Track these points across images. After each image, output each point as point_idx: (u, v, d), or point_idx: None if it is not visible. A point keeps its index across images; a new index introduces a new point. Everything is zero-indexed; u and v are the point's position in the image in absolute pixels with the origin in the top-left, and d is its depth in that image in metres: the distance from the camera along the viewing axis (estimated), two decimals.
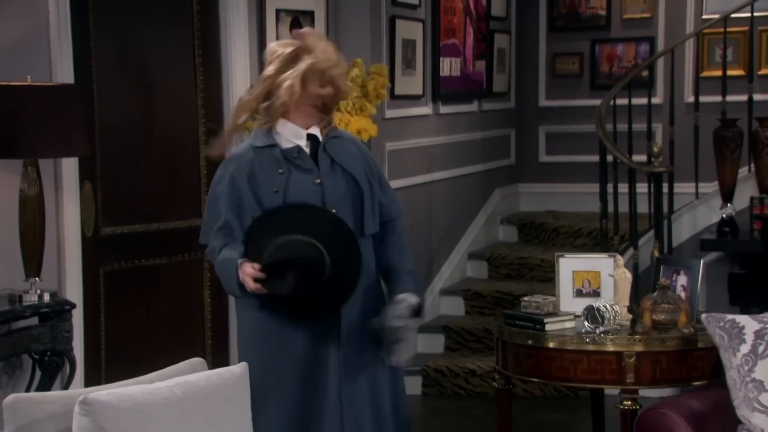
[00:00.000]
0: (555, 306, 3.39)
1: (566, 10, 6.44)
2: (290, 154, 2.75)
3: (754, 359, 2.68)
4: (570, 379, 3.22)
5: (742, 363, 2.71)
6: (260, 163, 2.74)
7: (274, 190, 2.71)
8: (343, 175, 2.77)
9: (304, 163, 2.76)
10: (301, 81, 2.69)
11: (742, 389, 2.68)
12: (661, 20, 6.19)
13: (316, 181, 2.74)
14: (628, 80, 5.28)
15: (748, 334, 2.75)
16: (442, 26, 5.50)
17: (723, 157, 5.22)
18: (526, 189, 6.67)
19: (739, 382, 2.69)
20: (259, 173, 2.73)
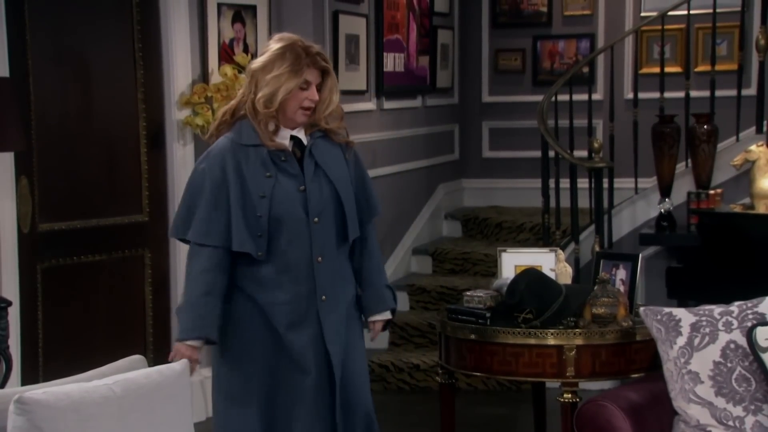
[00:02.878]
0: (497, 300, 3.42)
1: (508, 6, 6.49)
2: (277, 157, 2.73)
3: (690, 351, 2.73)
4: (512, 373, 3.24)
5: (678, 355, 2.76)
6: (247, 163, 2.71)
7: (261, 194, 2.69)
8: (326, 180, 2.77)
9: (291, 168, 2.74)
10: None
11: (679, 381, 2.73)
12: (601, 17, 6.28)
13: (301, 188, 2.74)
14: (569, 76, 5.35)
15: (685, 326, 2.80)
16: (385, 22, 5.50)
17: (661, 153, 5.31)
18: (469, 184, 6.71)
19: (675, 374, 2.74)
20: (246, 174, 2.70)
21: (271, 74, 2.69)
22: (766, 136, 5.16)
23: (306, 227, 2.74)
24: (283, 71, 2.69)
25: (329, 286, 2.78)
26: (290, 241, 2.72)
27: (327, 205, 2.76)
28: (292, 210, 2.71)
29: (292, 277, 2.73)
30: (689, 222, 5.12)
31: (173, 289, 4.53)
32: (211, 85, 4.51)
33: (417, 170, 6.09)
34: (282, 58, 2.70)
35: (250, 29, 4.76)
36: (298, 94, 2.71)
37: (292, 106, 2.72)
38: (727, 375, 2.65)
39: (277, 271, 2.73)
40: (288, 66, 2.69)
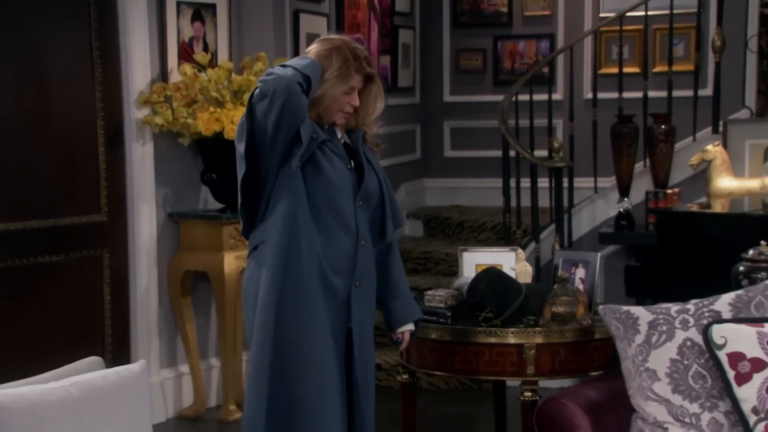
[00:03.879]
0: (458, 299, 3.43)
1: (469, 6, 6.51)
2: (325, 132, 2.68)
3: (648, 349, 2.76)
4: (473, 372, 3.26)
5: (636, 353, 2.79)
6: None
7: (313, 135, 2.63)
8: (374, 172, 2.76)
9: (335, 147, 2.71)
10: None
11: (637, 378, 2.76)
12: (561, 18, 6.32)
13: (348, 166, 2.71)
14: (529, 76, 5.38)
15: (642, 324, 2.82)
16: (346, 21, 5.49)
17: (620, 153, 5.37)
18: (431, 184, 6.72)
19: (633, 372, 2.77)
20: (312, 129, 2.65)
21: (323, 74, 2.63)
22: (722, 136, 5.23)
23: (352, 205, 2.70)
24: (329, 76, 2.63)
25: (364, 275, 2.74)
26: (336, 215, 2.67)
27: (372, 195, 2.73)
28: (339, 182, 2.66)
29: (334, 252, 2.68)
30: (647, 221, 5.18)
31: (132, 289, 4.49)
32: (170, 83, 4.48)
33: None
34: (329, 61, 2.64)
35: (209, 28, 4.73)
36: (340, 99, 2.67)
37: (332, 109, 2.68)
38: (683, 372, 2.68)
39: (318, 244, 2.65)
40: (335, 71, 2.64)
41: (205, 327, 4.79)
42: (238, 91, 4.53)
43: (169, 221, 4.63)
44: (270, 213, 2.66)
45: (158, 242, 4.56)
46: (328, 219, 2.67)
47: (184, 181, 4.69)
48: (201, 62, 4.52)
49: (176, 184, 4.66)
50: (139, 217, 4.47)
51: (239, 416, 4.53)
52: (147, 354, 4.46)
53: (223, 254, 4.47)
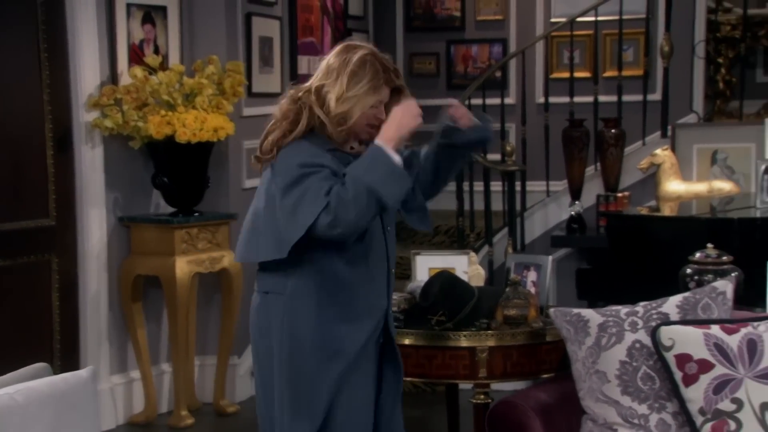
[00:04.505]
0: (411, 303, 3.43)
1: (422, 10, 6.53)
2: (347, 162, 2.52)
3: (598, 351, 2.79)
4: (425, 375, 3.25)
5: (586, 355, 2.81)
6: (337, 165, 2.48)
7: None
8: None
9: None
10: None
11: (587, 380, 2.78)
12: (513, 23, 6.37)
13: None
14: (481, 81, 5.41)
15: (593, 327, 2.85)
16: (299, 24, 5.47)
17: (571, 156, 5.42)
18: None
19: (584, 374, 2.79)
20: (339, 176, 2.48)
21: (347, 92, 2.46)
22: (670, 140, 5.31)
23: (382, 235, 2.60)
24: (359, 91, 2.46)
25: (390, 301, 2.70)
26: (372, 250, 2.56)
27: (393, 214, 2.65)
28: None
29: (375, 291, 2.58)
30: (598, 224, 5.23)
31: (81, 294, 4.43)
32: (120, 86, 4.42)
33: None
34: (360, 73, 2.47)
35: (160, 30, 4.68)
36: (368, 113, 2.51)
37: (360, 125, 2.51)
38: (632, 374, 2.71)
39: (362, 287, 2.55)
40: (366, 83, 2.47)
41: (157, 332, 4.73)
42: (189, 94, 4.49)
43: (120, 225, 4.57)
44: (303, 262, 2.49)
45: (108, 247, 4.50)
46: (363, 260, 2.54)
47: (135, 185, 4.64)
48: (152, 65, 4.47)
49: (127, 187, 4.60)
50: (88, 221, 4.41)
51: (191, 422, 4.48)
52: (96, 360, 4.40)
53: (175, 258, 4.43)
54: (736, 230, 3.96)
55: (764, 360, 2.59)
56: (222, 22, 4.81)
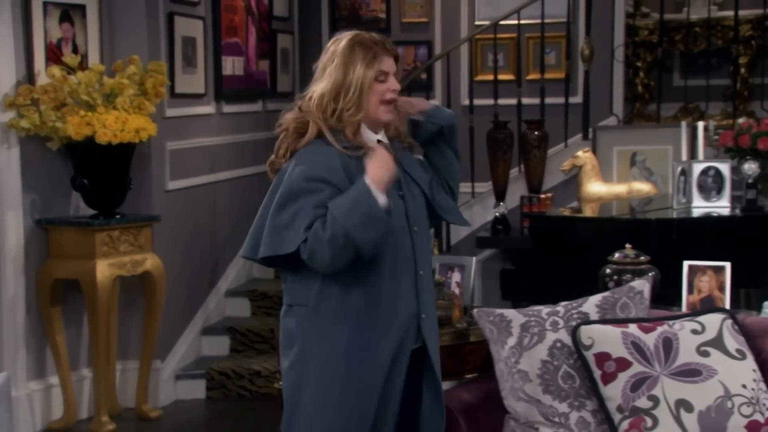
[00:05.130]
0: None
1: (347, 12, 6.52)
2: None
3: (520, 351, 2.81)
4: None
5: (509, 355, 2.84)
6: (352, 168, 2.39)
7: None
8: (418, 189, 2.53)
9: None
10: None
11: (509, 380, 2.80)
12: (438, 25, 6.40)
13: (399, 193, 2.47)
14: (407, 83, 5.42)
15: (515, 327, 2.87)
16: (223, 24, 5.41)
17: (496, 158, 5.48)
18: None
19: (506, 374, 2.82)
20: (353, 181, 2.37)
21: (345, 78, 2.38)
22: (591, 142, 5.40)
23: (408, 236, 2.47)
24: (359, 71, 2.38)
25: (429, 305, 2.52)
26: (395, 254, 2.43)
27: (422, 213, 2.53)
28: (395, 217, 2.42)
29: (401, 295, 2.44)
30: (522, 225, 5.29)
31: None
32: (37, 86, 4.31)
33: (258, 174, 6.01)
34: (351, 57, 2.39)
35: (79, 29, 4.58)
36: (376, 88, 2.40)
37: (372, 103, 2.41)
38: (553, 373, 2.74)
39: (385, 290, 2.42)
40: (360, 62, 2.39)
41: (77, 337, 4.63)
42: (110, 95, 4.40)
43: (38, 228, 4.45)
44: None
45: (26, 250, 4.38)
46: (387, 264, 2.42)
47: (54, 187, 4.52)
48: (70, 64, 4.37)
49: (45, 189, 4.49)
50: (4, 224, 4.28)
51: (112, 428, 4.39)
52: (13, 366, 4.27)
53: (95, 262, 4.33)
54: (654, 231, 4.04)
55: (679, 358, 2.65)
56: (143, 22, 4.73)
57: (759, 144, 4.28)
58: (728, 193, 4.29)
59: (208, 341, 5.27)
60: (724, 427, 2.57)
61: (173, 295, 4.87)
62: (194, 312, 5.25)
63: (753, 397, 2.62)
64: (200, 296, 5.33)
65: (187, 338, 5.14)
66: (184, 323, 5.15)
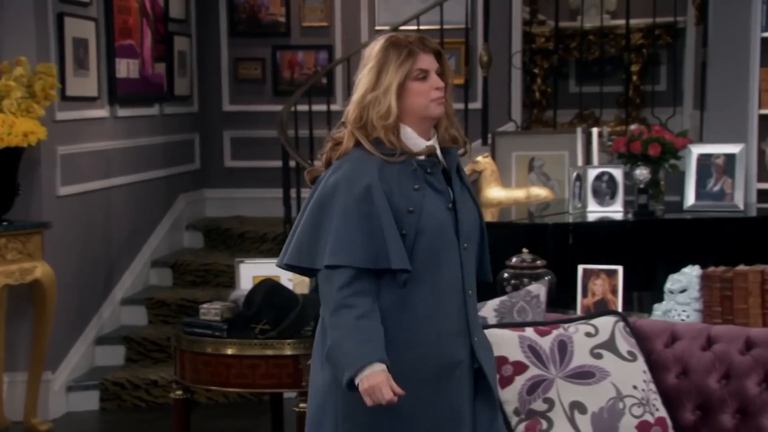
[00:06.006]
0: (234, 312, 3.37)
1: (246, 15, 6.45)
2: (423, 168, 2.28)
3: None
4: (249, 385, 3.23)
5: None
6: (393, 176, 2.25)
7: (410, 209, 2.24)
8: (473, 203, 2.36)
9: (437, 182, 2.30)
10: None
11: None
12: (338, 29, 6.39)
13: (449, 206, 2.31)
14: (307, 87, 5.39)
15: None
16: (116, 26, 5.27)
17: None
18: (211, 194, 6.60)
19: None
20: (395, 189, 2.24)
21: (381, 79, 2.27)
22: (491, 147, 5.47)
23: (456, 252, 2.29)
24: (391, 67, 2.26)
25: (477, 327, 2.36)
26: (439, 269, 2.27)
27: (474, 230, 2.35)
28: (444, 230, 2.27)
29: (443, 312, 2.27)
30: None
31: None
32: None
33: (155, 180, 5.90)
34: (385, 56, 2.28)
35: None
36: (418, 87, 2.28)
37: (419, 104, 2.29)
38: None
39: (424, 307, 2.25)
40: (394, 59, 2.27)
41: None
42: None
43: None
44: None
45: None
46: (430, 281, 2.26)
47: None
48: None
49: None
50: None
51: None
52: None
53: None
54: (550, 235, 4.11)
55: (574, 360, 2.69)
56: (31, 22, 4.56)
57: (649, 150, 4.40)
58: (621, 198, 4.39)
59: (103, 351, 5.13)
60: (616, 428, 2.63)
61: (65, 304, 4.72)
62: (88, 321, 5.10)
63: (643, 398, 2.69)
64: (94, 305, 5.18)
65: (79, 348, 4.99)
66: (77, 333, 4.99)
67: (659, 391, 2.73)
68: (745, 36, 4.85)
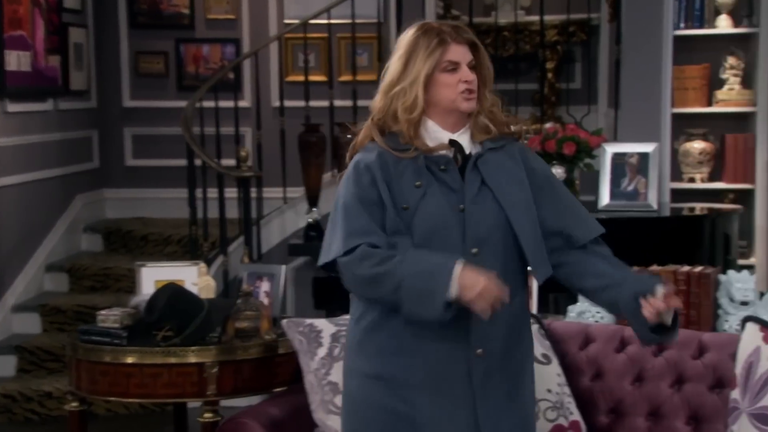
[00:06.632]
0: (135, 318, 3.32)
1: (147, 6, 6.35)
2: (436, 164, 2.24)
3: (330, 362, 2.83)
4: (150, 395, 3.19)
5: (319, 366, 2.85)
6: (397, 170, 2.24)
7: (404, 206, 2.21)
8: (494, 203, 2.24)
9: (450, 180, 2.24)
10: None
11: (319, 392, 2.81)
12: (246, 22, 6.35)
13: (460, 206, 2.22)
14: (213, 82, 5.35)
15: (326, 337, 2.89)
16: (5, 16, 5.12)
17: (308, 162, 5.48)
18: (112, 194, 6.48)
19: (316, 386, 2.82)
20: (395, 183, 2.23)
21: (409, 68, 2.24)
22: None
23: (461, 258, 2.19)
24: (420, 56, 2.23)
25: (491, 339, 2.22)
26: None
27: (493, 234, 2.22)
28: (443, 232, 2.20)
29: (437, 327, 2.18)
30: None
31: None
32: None
33: (49, 179, 5.76)
34: (415, 44, 2.25)
35: None
36: (446, 79, 2.24)
37: (446, 96, 2.24)
38: None
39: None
40: (423, 48, 2.24)
41: None
42: None
43: None
44: None
45: None
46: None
47: None
48: None
49: None
50: None
51: None
52: None
53: None
54: None
55: None
56: None
57: (564, 149, 4.50)
58: None
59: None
60: None
61: None
62: None
63: (557, 402, 2.75)
64: None
65: None
66: None
67: (574, 394, 2.79)
68: (658, 33, 5.00)
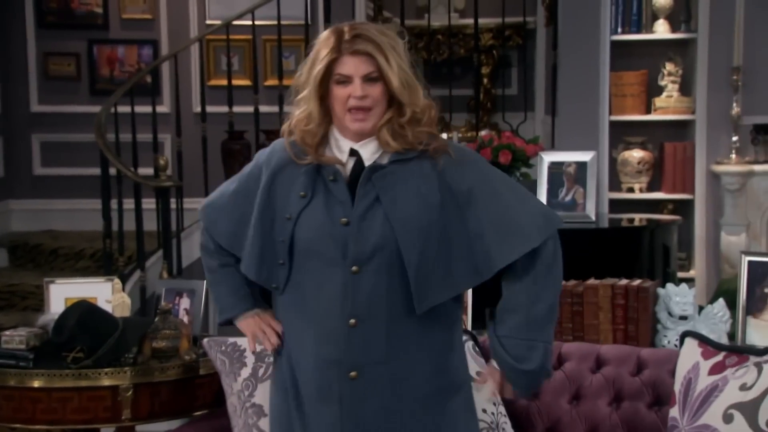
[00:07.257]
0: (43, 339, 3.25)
1: (57, 4, 6.26)
2: (326, 175, 2.21)
3: (255, 383, 2.79)
4: (59, 422, 3.12)
5: (242, 388, 2.80)
6: (291, 177, 2.23)
7: (287, 216, 2.21)
8: (384, 220, 2.16)
9: (337, 192, 2.19)
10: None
11: (242, 415, 2.77)
12: (164, 23, 6.29)
13: (342, 220, 2.17)
14: (129, 86, 5.26)
15: (249, 357, 2.85)
16: None
17: (232, 171, 5.42)
18: (18, 206, 6.37)
19: (239, 409, 2.78)
20: (282, 191, 2.24)
21: (302, 77, 2.22)
22: None
23: (340, 274, 2.17)
24: (316, 66, 2.18)
25: (370, 361, 2.17)
26: (318, 288, 2.19)
27: (378, 252, 2.15)
28: (320, 246, 2.18)
29: (317, 336, 2.19)
30: None
31: None
32: None
33: None
34: (317, 54, 2.21)
35: None
36: (337, 92, 2.17)
37: (338, 111, 2.19)
38: None
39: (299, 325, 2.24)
40: (320, 57, 2.18)
41: None
42: None
43: None
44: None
45: None
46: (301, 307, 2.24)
47: None
48: None
49: None
50: None
51: None
52: None
53: None
54: None
55: None
56: None
57: (500, 157, 4.53)
58: None
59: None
60: None
61: None
62: None
63: (492, 422, 2.75)
64: None
65: None
66: None
67: (509, 414, 2.80)
68: (595, 38, 5.08)
